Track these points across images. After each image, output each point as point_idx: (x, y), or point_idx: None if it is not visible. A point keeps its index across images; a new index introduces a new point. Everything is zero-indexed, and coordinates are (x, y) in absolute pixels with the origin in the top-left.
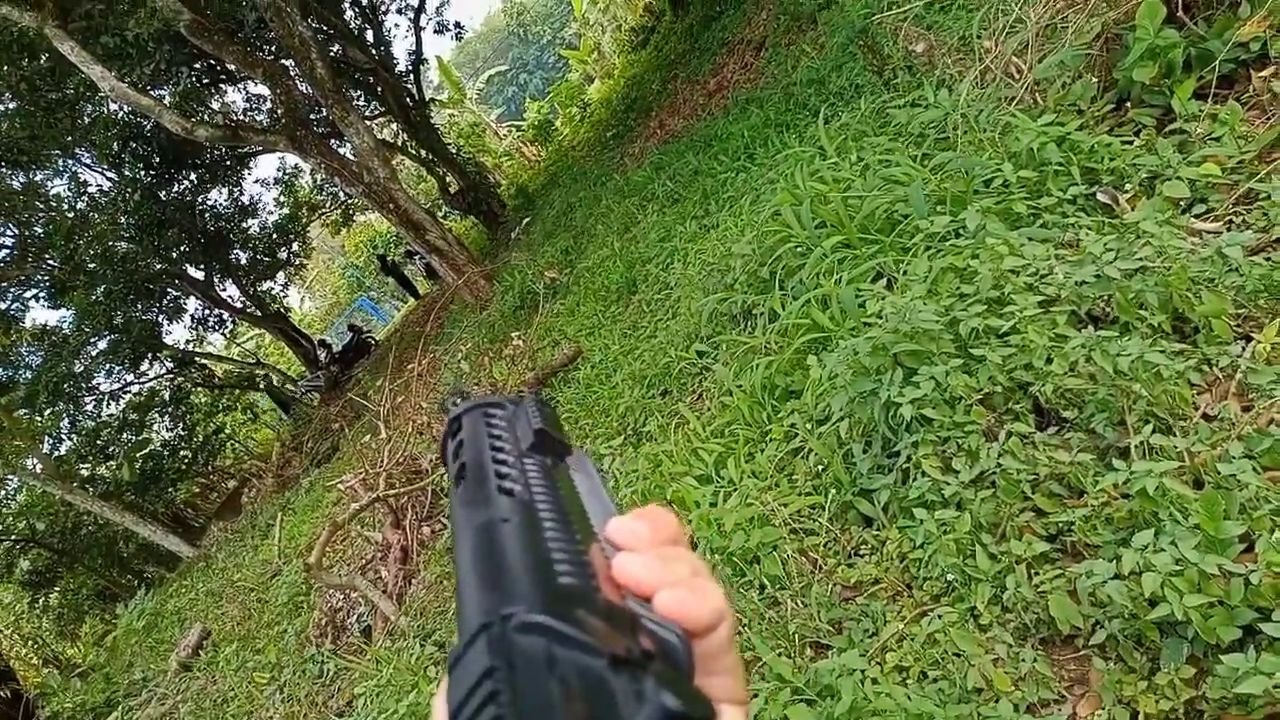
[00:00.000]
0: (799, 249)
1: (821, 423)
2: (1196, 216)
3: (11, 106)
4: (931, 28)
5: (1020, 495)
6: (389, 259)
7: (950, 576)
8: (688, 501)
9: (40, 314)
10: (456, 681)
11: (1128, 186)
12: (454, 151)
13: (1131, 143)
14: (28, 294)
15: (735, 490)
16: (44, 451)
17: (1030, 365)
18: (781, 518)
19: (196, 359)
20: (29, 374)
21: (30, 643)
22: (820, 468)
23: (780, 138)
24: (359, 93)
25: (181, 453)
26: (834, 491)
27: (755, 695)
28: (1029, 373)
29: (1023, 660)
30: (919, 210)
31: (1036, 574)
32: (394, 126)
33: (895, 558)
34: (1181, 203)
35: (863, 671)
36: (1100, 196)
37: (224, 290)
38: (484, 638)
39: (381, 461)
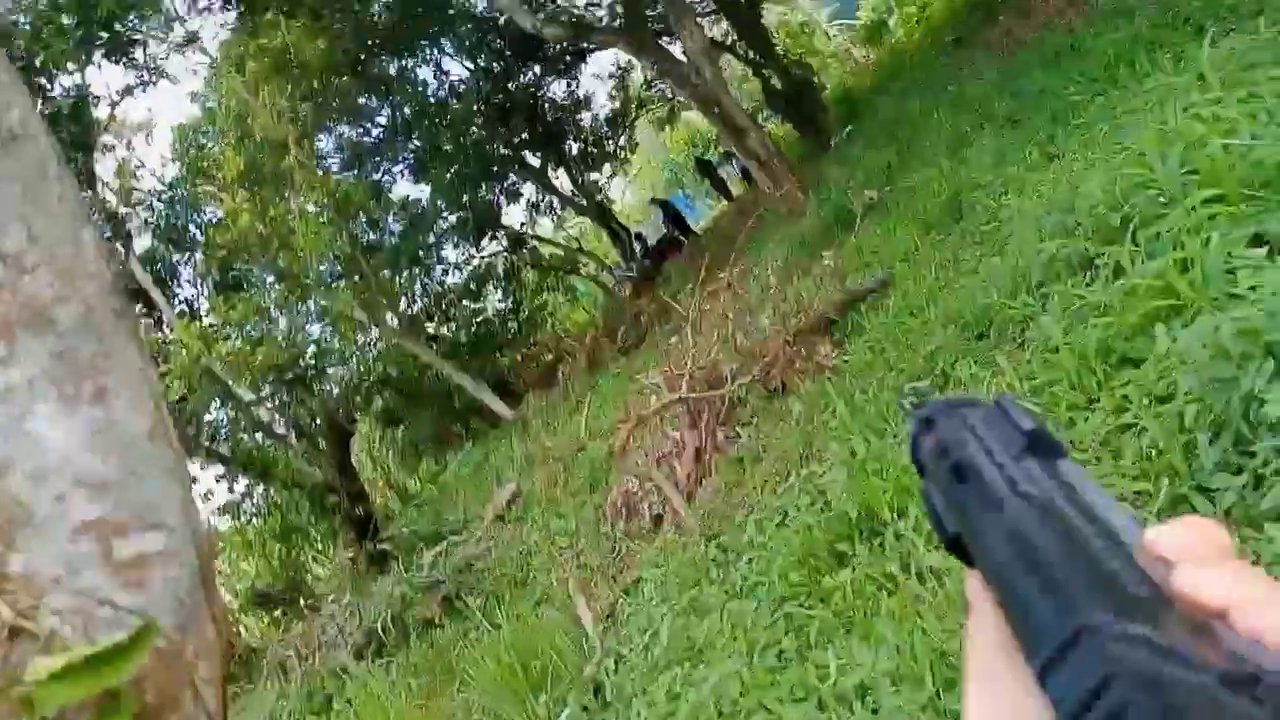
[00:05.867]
0: (1160, 198)
1: (1162, 401)
2: None
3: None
4: None
5: None
6: (707, 159)
7: None
8: None
9: (403, 188)
10: (1060, 690)
11: None
12: (781, 52)
13: None
14: (395, 169)
15: None
16: (400, 309)
17: None
18: None
19: (529, 240)
20: (393, 240)
21: (380, 469)
22: (1153, 451)
23: (1150, 58)
24: None
25: (509, 323)
26: (1167, 482)
27: None
28: None
29: None
30: None
31: None
32: (723, 25)
33: None
34: None
35: None
36: None
37: (555, 178)
38: (1086, 644)
39: (685, 364)
